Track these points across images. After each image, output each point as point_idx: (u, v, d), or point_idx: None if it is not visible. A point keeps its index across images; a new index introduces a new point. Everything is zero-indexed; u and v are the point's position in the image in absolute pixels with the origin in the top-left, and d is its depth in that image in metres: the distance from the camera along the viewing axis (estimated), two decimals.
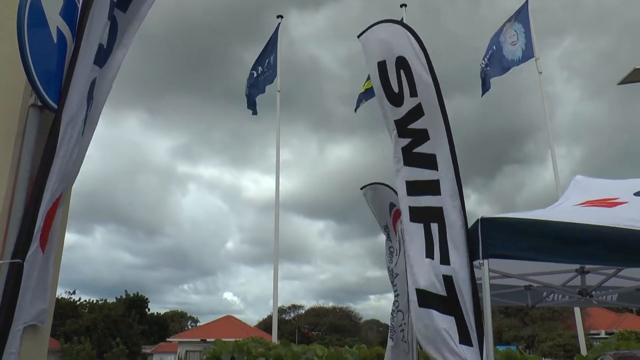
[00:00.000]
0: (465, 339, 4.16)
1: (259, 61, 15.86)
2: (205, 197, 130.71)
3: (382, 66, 4.66)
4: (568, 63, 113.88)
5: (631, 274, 6.31)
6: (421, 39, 4.45)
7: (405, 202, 4.76)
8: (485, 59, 14.91)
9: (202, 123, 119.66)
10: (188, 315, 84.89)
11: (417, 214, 4.64)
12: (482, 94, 15.07)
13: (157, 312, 76.50)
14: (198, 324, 74.57)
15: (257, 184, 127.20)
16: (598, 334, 41.15)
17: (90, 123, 3.36)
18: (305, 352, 8.45)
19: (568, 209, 5.20)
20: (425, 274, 4.52)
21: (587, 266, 6.04)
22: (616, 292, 7.34)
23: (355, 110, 15.72)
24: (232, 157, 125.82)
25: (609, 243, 4.28)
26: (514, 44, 15.09)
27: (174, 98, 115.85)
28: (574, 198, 5.81)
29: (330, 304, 73.59)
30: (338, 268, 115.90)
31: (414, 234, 4.66)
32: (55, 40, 3.07)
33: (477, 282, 4.20)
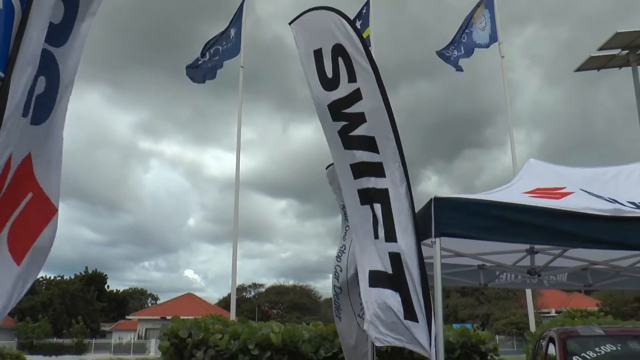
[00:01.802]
0: (410, 315, 4.27)
1: (221, 36, 15.63)
2: (168, 173, 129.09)
3: (318, 54, 4.69)
4: (530, 51, 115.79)
5: (578, 254, 6.54)
6: (356, 26, 4.50)
7: (354, 186, 4.80)
8: (455, 43, 15.02)
9: (166, 99, 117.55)
10: (148, 292, 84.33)
11: (365, 197, 4.70)
12: (457, 70, 15.16)
13: (116, 290, 75.74)
14: (158, 302, 74.10)
15: (220, 162, 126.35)
16: (549, 313, 42.61)
17: (59, 102, 3.25)
18: (262, 329, 8.53)
19: (517, 197, 5.32)
20: (373, 254, 4.60)
21: (537, 247, 6.22)
22: (565, 272, 7.59)
23: None
24: (195, 134, 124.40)
25: (556, 224, 4.44)
26: (483, 29, 15.30)
27: (138, 73, 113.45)
28: (525, 181, 5.97)
29: (291, 282, 73.94)
30: (299, 247, 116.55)
31: (364, 217, 4.72)
32: (1, 6, 2.96)
33: (429, 260, 4.29)
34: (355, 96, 4.50)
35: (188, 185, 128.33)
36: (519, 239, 4.65)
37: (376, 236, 4.57)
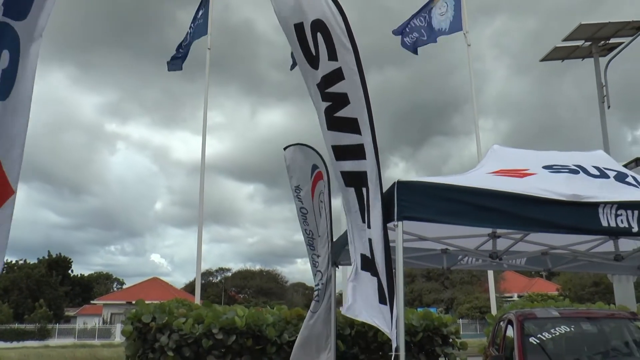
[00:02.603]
0: (382, 299, 4.31)
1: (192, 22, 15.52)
2: (134, 156, 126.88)
3: (299, 28, 4.59)
4: (498, 41, 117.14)
5: (538, 238, 6.68)
6: (338, 1, 4.39)
7: (336, 167, 4.79)
8: (412, 25, 15.01)
9: (133, 81, 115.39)
10: (114, 277, 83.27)
11: (350, 179, 4.70)
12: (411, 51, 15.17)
13: (81, 274, 74.61)
14: (124, 287, 73.22)
15: (188, 145, 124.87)
16: (511, 297, 43.55)
17: (22, 76, 3.16)
18: (226, 313, 8.50)
19: (482, 177, 5.41)
20: (361, 239, 4.63)
21: (499, 231, 6.33)
22: (525, 256, 7.76)
23: (291, 68, 15.44)
24: (163, 117, 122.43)
25: (517, 209, 4.52)
26: (442, 15, 15.30)
27: (105, 53, 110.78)
28: (489, 166, 6.05)
29: (258, 267, 73.82)
30: (266, 231, 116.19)
31: (350, 199, 4.72)
32: None
33: (392, 244, 4.32)
34: (337, 76, 4.41)
35: (155, 168, 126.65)
36: (481, 223, 4.70)
37: (363, 220, 4.59)
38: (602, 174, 5.66)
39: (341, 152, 4.68)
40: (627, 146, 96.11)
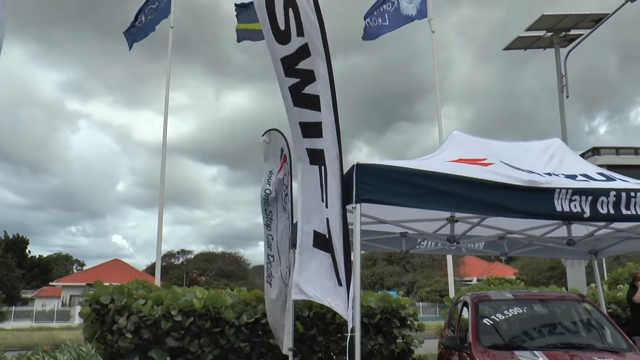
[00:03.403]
0: (338, 279, 4.35)
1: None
2: (96, 136, 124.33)
3: (270, 2, 4.54)
4: (463, 30, 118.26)
5: (495, 223, 6.83)
6: None
7: (303, 144, 4.75)
8: (380, 10, 14.98)
9: (97, 59, 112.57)
10: (74, 258, 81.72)
11: (314, 157, 4.68)
12: (364, 39, 15.15)
13: (39, 255, 73.01)
14: (84, 268, 71.98)
15: (151, 125, 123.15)
16: (470, 281, 44.47)
17: None
18: (185, 295, 8.45)
19: (440, 164, 5.48)
20: (317, 215, 4.63)
21: (457, 215, 6.44)
22: (482, 241, 7.94)
23: (238, 41, 15.20)
24: (126, 96, 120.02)
25: (474, 193, 4.60)
26: (411, 2, 15.32)
27: (67, 30, 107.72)
28: (448, 152, 6.14)
29: (220, 250, 73.28)
30: (229, 214, 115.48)
31: (311, 176, 4.71)
32: None
33: (351, 226, 4.35)
34: (304, 51, 4.40)
35: (117, 148, 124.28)
36: (439, 207, 4.77)
37: (322, 199, 4.60)
38: (552, 177, 5.81)
39: (307, 129, 4.67)
40: (584, 136, 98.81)
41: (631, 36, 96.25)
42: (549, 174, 5.43)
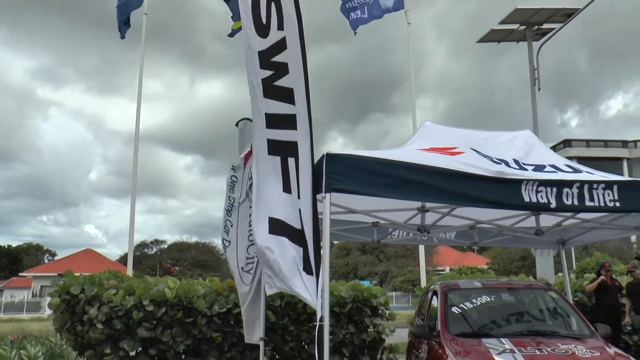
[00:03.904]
0: (307, 268, 4.37)
1: None
2: (68, 124, 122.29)
3: None
4: (440, 22, 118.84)
5: (465, 213, 6.92)
6: None
7: (265, 134, 4.78)
8: (358, 2, 14.96)
9: (70, 46, 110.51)
10: (45, 248, 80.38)
11: (276, 147, 4.71)
12: (355, 31, 15.15)
13: (8, 245, 71.73)
14: (55, 258, 70.89)
15: (125, 114, 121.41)
16: (443, 270, 44.97)
17: None
18: (157, 284, 8.41)
19: (411, 152, 5.54)
20: (282, 206, 4.64)
21: (427, 205, 6.51)
22: (453, 231, 8.04)
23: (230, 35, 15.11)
24: (99, 84, 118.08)
25: (444, 183, 4.67)
26: None
27: (38, 15, 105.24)
28: (420, 142, 6.19)
29: (194, 239, 72.75)
30: (203, 203, 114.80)
31: (270, 166, 4.73)
32: None
33: (321, 216, 4.38)
34: (281, 45, 4.47)
35: (90, 136, 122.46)
36: (409, 197, 4.82)
37: (287, 190, 4.60)
38: (520, 168, 5.92)
39: (274, 121, 4.69)
40: (556, 129, 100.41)
41: (602, 31, 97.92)
42: (518, 165, 5.53)
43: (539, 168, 5.52)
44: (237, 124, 7.20)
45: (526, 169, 5.54)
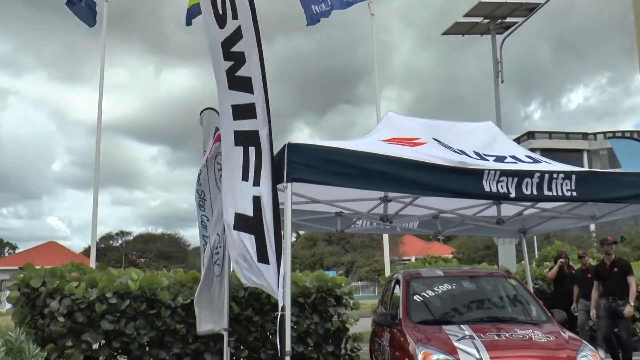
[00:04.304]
0: (263, 258, 4.39)
1: None
2: (29, 113, 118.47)
3: None
4: (406, 14, 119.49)
5: (428, 203, 7.01)
6: None
7: (231, 126, 4.77)
8: None
9: (30, 32, 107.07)
10: (5, 241, 78.36)
11: (240, 138, 4.71)
12: (309, 25, 15.11)
13: None
14: (17, 251, 69.21)
15: (90, 103, 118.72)
16: (409, 259, 45.50)
17: None
18: (120, 276, 8.31)
19: (373, 143, 5.59)
20: (241, 197, 4.65)
21: (390, 195, 6.58)
22: (417, 220, 8.14)
23: (187, 24, 14.90)
24: (62, 72, 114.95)
25: (406, 173, 4.72)
26: None
27: None
28: (382, 132, 6.25)
29: (160, 231, 71.84)
30: (169, 194, 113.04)
31: (235, 158, 4.72)
32: None
33: (282, 206, 4.39)
34: (238, 34, 4.46)
35: (53, 126, 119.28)
36: (371, 186, 4.87)
37: (245, 179, 4.61)
38: (481, 158, 6.03)
39: (239, 112, 4.69)
40: (520, 121, 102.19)
41: (563, 26, 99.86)
42: (479, 156, 5.63)
43: (500, 159, 5.63)
44: (200, 114, 7.15)
45: (487, 160, 5.65)
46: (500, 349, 4.86)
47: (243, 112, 4.64)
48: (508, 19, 16.24)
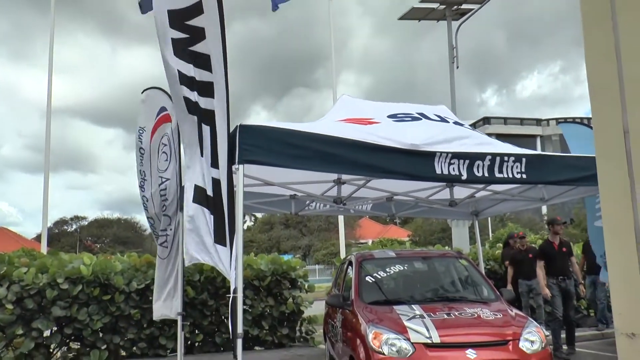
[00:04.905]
0: (220, 239, 4.36)
1: None
2: None
3: None
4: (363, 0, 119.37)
5: (381, 185, 7.08)
6: None
7: (179, 92, 4.59)
8: None
9: None
10: None
11: (194, 108, 4.57)
12: (274, 10, 15.01)
13: None
14: None
15: (42, 85, 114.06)
16: (366, 242, 45.98)
17: None
18: (72, 261, 8.15)
19: (328, 124, 5.60)
20: (200, 172, 4.58)
21: (344, 177, 6.61)
22: (370, 202, 8.21)
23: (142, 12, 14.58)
24: (11, 52, 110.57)
25: (358, 155, 4.76)
26: None
27: None
28: (336, 114, 6.28)
29: (116, 215, 70.21)
30: (125, 178, 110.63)
31: (191, 127, 4.63)
32: None
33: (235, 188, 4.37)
34: (197, 9, 4.36)
35: (2, 108, 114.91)
36: (324, 168, 4.88)
37: (202, 154, 4.55)
38: (443, 120, 6.15)
39: (190, 83, 4.55)
40: (475, 107, 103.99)
41: (518, 15, 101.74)
42: (431, 138, 5.70)
43: (450, 141, 5.71)
44: (142, 92, 6.95)
45: (448, 121, 5.70)
46: (449, 327, 4.97)
47: (198, 87, 4.52)
48: (464, 6, 16.42)
